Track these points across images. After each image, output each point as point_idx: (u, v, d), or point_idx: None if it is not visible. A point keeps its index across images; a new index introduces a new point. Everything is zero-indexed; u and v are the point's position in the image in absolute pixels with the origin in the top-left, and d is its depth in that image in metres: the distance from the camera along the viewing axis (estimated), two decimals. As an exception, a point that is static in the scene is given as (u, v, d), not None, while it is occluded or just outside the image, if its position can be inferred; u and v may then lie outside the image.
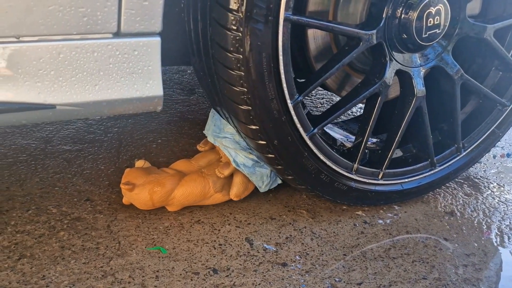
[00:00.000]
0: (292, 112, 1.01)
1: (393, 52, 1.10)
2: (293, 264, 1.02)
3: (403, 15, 1.05)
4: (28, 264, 0.96)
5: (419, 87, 1.15)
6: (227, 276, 0.97)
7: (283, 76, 0.96)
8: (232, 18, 0.88)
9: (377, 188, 1.20)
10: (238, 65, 0.92)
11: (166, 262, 0.99)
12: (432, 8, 1.05)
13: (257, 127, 1.00)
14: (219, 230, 1.10)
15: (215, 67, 0.96)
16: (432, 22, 1.07)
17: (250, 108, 0.97)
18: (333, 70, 1.04)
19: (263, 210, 1.19)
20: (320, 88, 1.83)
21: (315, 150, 1.08)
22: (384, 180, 1.20)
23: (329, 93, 1.95)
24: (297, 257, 1.04)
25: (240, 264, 1.00)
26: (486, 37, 1.19)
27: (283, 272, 0.99)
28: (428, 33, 1.07)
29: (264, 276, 0.98)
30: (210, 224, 1.12)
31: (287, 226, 1.14)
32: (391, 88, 1.18)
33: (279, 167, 1.08)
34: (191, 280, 0.95)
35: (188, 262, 0.99)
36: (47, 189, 1.21)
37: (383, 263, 1.05)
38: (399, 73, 1.13)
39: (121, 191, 1.17)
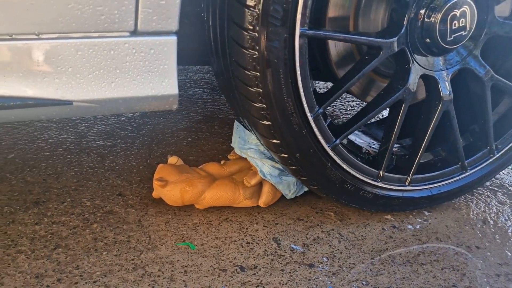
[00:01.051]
0: (313, 125, 1.01)
1: (416, 56, 1.07)
2: (320, 265, 1.02)
3: (425, 19, 1.02)
4: (63, 253, 0.99)
5: (445, 91, 1.12)
6: (254, 274, 0.98)
7: (301, 91, 0.96)
8: (248, 36, 0.89)
9: (405, 194, 1.19)
10: (256, 82, 0.93)
11: (195, 258, 1.01)
12: (456, 10, 1.03)
13: (278, 141, 1.00)
14: (246, 229, 1.11)
15: (235, 84, 0.97)
16: (457, 24, 1.04)
17: (270, 123, 0.97)
18: (353, 80, 1.04)
19: (291, 211, 1.19)
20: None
21: (338, 161, 1.07)
22: (412, 186, 1.18)
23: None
24: (324, 258, 1.04)
25: (267, 263, 1.01)
26: None
27: (310, 273, 0.99)
28: (453, 36, 1.05)
29: (291, 276, 0.98)
30: (238, 223, 1.13)
31: (315, 227, 1.14)
32: (418, 90, 1.16)
33: (303, 178, 1.08)
34: (219, 276, 0.96)
35: (216, 259, 1.01)
36: (82, 182, 1.25)
37: (411, 268, 1.03)
38: (424, 77, 1.11)
39: (152, 187, 1.20)
